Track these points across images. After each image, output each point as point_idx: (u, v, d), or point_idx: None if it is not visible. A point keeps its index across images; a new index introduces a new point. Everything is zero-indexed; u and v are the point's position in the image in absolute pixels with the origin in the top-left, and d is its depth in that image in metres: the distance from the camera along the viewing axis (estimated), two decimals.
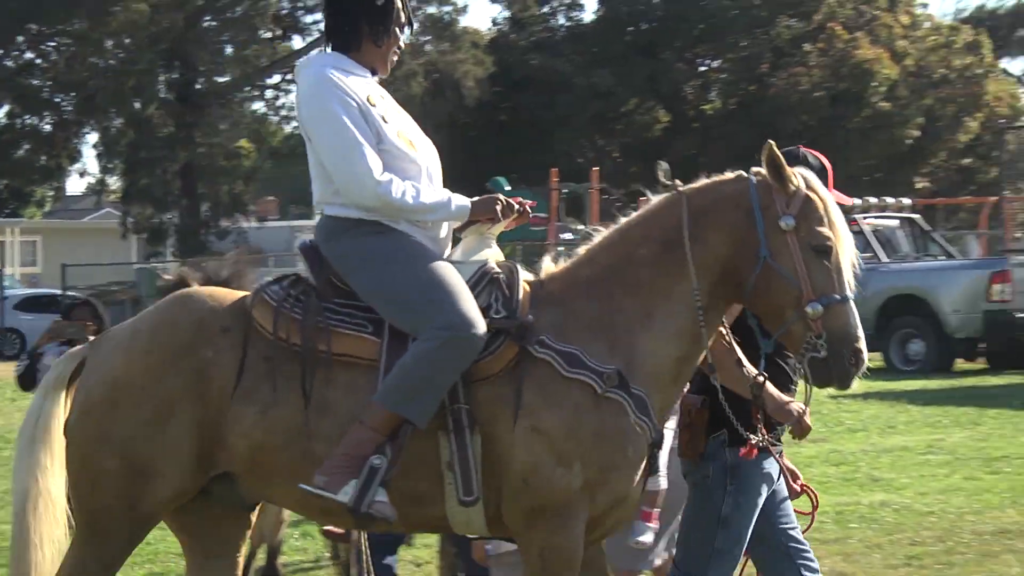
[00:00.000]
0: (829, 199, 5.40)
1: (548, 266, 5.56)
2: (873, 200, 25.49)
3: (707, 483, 5.84)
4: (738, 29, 42.26)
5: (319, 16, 42.74)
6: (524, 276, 5.43)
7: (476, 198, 5.50)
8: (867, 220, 24.65)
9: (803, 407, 5.71)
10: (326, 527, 7.93)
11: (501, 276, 5.38)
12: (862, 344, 5.25)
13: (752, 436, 5.61)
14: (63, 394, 5.46)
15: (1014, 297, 22.81)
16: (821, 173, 5.71)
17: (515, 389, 5.19)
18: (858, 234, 24.48)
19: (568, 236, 31.17)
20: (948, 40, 42.14)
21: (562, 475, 5.17)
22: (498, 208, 5.44)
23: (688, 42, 45.85)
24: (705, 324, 5.32)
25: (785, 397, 5.73)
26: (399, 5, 5.51)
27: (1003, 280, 22.89)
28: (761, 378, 5.50)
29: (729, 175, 5.49)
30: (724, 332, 5.56)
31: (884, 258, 24.30)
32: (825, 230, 5.29)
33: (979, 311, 22.91)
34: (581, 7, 49.71)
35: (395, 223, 5.39)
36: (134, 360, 5.33)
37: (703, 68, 48.35)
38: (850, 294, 5.27)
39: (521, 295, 5.31)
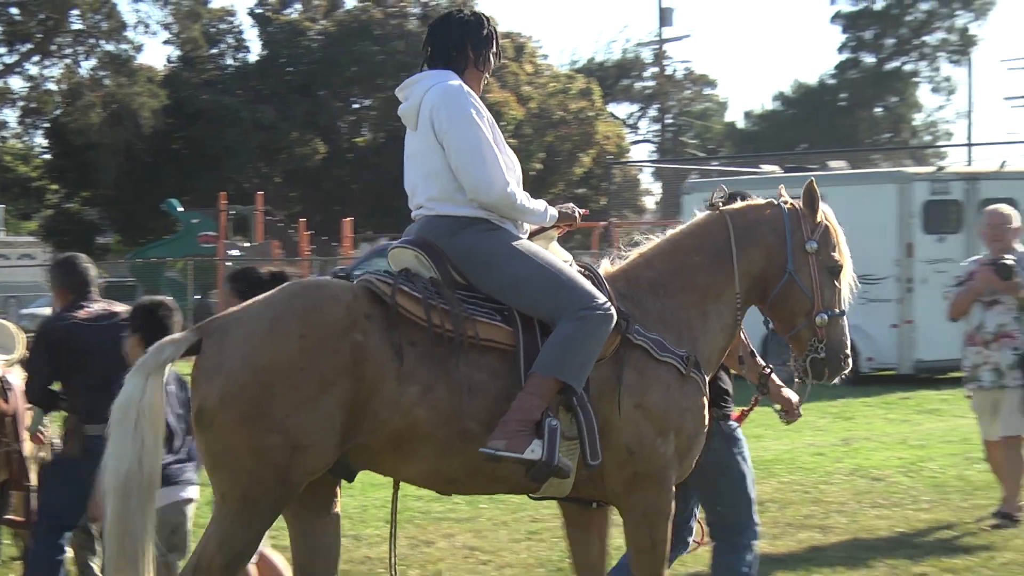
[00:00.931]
0: (840, 230, 6.03)
1: (606, 266, 5.86)
2: None
3: (718, 454, 6.38)
4: (386, 72, 42.62)
5: None
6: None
7: (559, 207, 5.80)
8: None
9: (798, 396, 6.43)
10: (7, 517, 7.77)
11: (590, 273, 5.63)
12: (849, 350, 5.94)
13: (736, 408, 6.67)
14: (163, 377, 5.26)
15: None
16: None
17: (617, 371, 5.43)
18: None
19: (235, 253, 30.94)
20: (565, 87, 43.44)
21: (660, 444, 5.47)
22: (577, 216, 5.83)
23: (342, 82, 46.21)
24: (739, 322, 5.88)
25: (783, 385, 6.48)
26: (496, 36, 5.76)
27: None
28: (768, 369, 6.19)
29: (762, 201, 5.98)
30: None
31: None
32: (837, 255, 5.95)
33: None
34: (247, 49, 49.55)
35: (502, 222, 5.54)
36: (287, 344, 5.15)
37: (356, 106, 48.73)
38: (846, 309, 5.96)
39: (608, 290, 5.56)
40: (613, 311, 5.40)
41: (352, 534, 9.08)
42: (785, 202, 5.94)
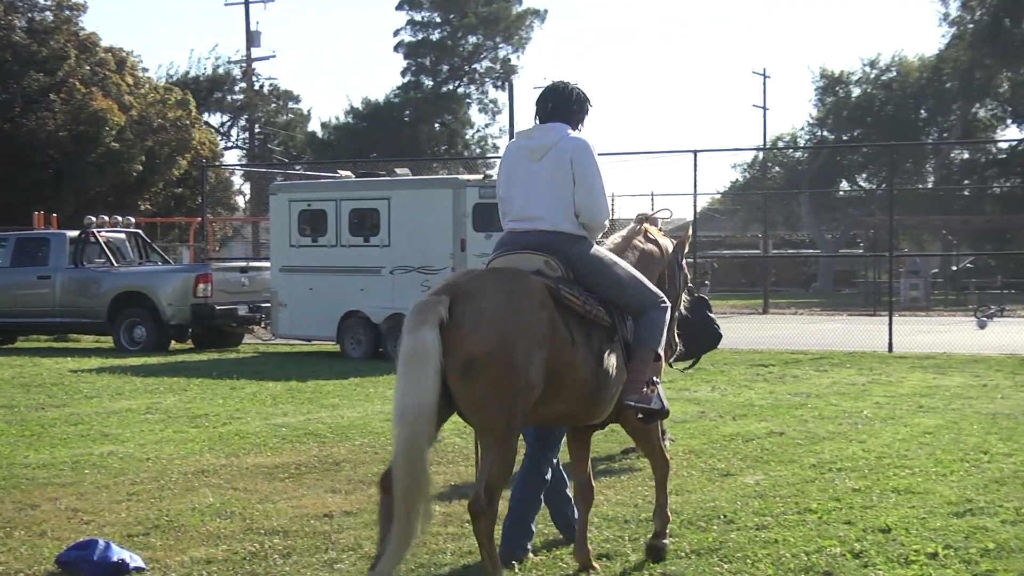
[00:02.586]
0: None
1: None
2: (106, 219, 25.04)
3: None
4: None
5: None
6: None
7: None
8: (102, 234, 24.26)
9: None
10: None
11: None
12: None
13: None
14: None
15: (214, 294, 23.24)
16: None
17: None
18: (94, 244, 24.08)
19: None
20: (164, 97, 42.12)
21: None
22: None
23: None
24: None
25: None
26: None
27: (206, 281, 23.24)
28: None
29: (663, 237, 7.64)
30: None
31: (115, 263, 24.06)
32: (685, 269, 7.77)
33: (188, 304, 23.12)
34: None
35: (591, 237, 6.68)
36: (523, 314, 5.98)
37: None
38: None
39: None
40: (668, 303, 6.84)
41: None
42: (676, 239, 7.77)
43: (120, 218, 25.66)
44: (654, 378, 6.58)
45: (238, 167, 56.86)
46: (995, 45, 50.99)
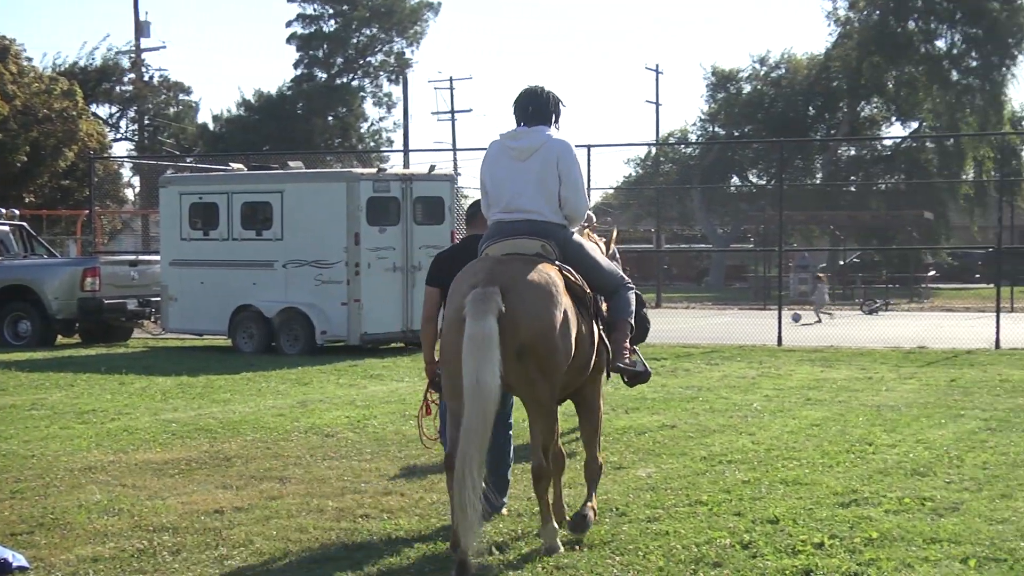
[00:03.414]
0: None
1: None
2: None
3: None
4: None
5: None
6: None
7: None
8: None
9: None
10: None
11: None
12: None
13: None
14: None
15: (102, 288, 22.84)
16: None
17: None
18: None
19: None
20: (49, 87, 41.14)
21: None
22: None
23: None
24: None
25: None
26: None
27: (94, 275, 22.83)
28: None
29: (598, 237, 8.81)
30: None
31: None
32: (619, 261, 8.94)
33: (75, 298, 22.70)
34: None
35: (572, 229, 7.48)
36: (558, 302, 6.85)
37: None
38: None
39: None
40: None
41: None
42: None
43: (4, 210, 25.07)
44: (635, 347, 7.75)
45: (127, 159, 55.87)
46: (881, 44, 52.09)
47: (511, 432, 8.54)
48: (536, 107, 7.42)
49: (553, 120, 7.46)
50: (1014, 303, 32.21)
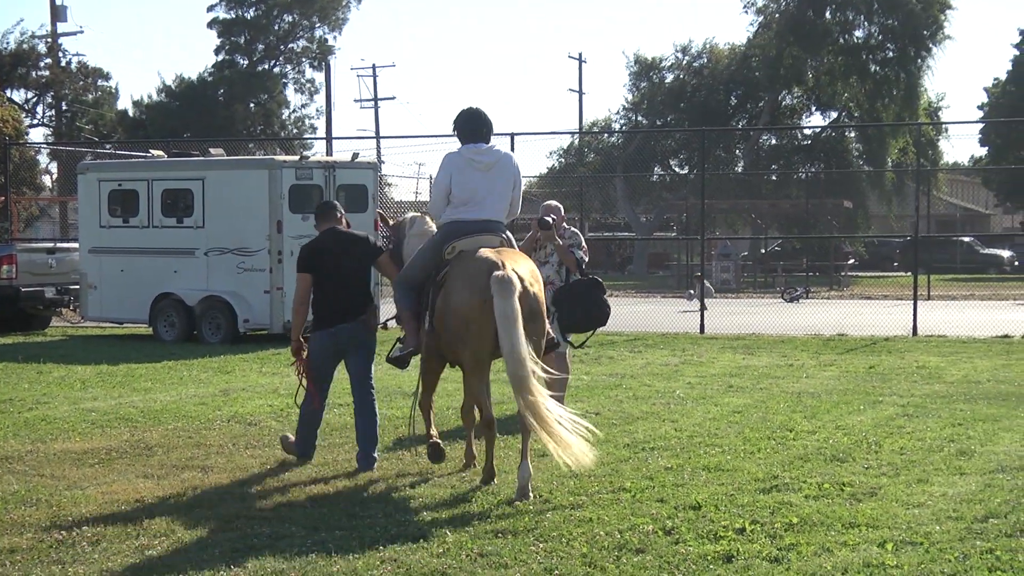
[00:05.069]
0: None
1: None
2: None
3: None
4: None
5: None
6: None
7: None
8: None
9: None
10: None
11: None
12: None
13: None
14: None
15: (19, 276, 22.46)
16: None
17: None
18: None
19: None
20: None
21: None
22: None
23: None
24: None
25: None
26: None
27: (10, 262, 22.43)
28: None
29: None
30: None
31: None
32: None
33: None
34: None
35: None
36: (540, 277, 8.96)
37: None
38: None
39: None
40: None
41: None
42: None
43: None
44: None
45: (44, 145, 54.97)
46: (799, 35, 52.62)
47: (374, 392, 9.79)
48: (486, 128, 9.12)
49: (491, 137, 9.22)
50: (931, 291, 32.79)
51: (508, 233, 9.13)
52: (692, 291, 31.20)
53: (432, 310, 8.76)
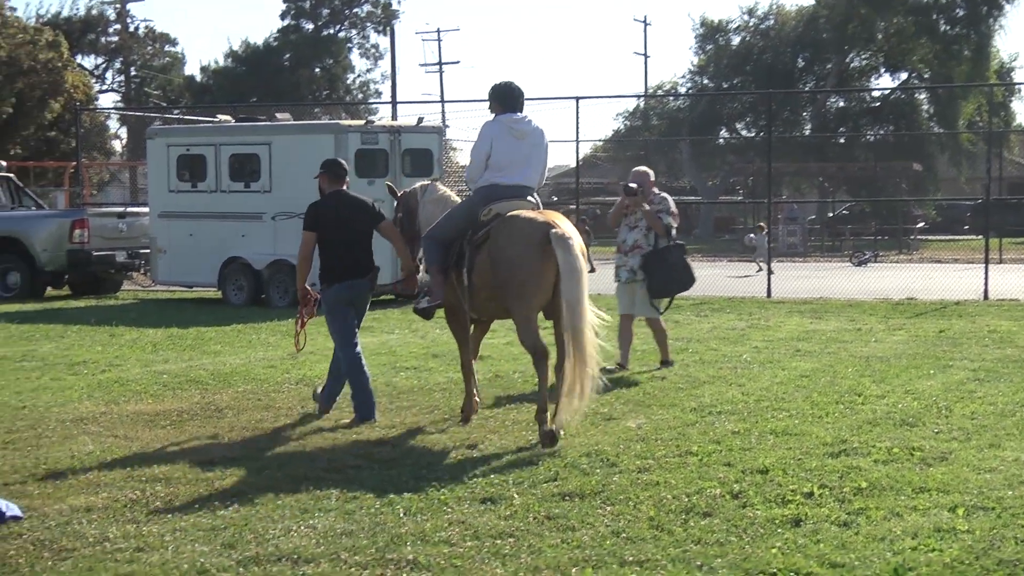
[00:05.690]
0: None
1: None
2: None
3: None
4: None
5: None
6: None
7: None
8: None
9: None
10: None
11: None
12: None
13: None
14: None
15: (91, 240, 22.77)
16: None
17: None
18: None
19: None
20: (34, 38, 40.78)
21: None
22: None
23: None
24: None
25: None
26: None
27: (82, 227, 22.75)
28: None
29: None
30: None
31: None
32: None
33: (64, 250, 22.64)
34: None
35: None
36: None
37: None
38: None
39: None
40: None
41: None
42: None
43: None
44: None
45: (114, 110, 55.54)
46: None
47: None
48: (521, 100, 9.62)
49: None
50: (1003, 254, 32.29)
51: (538, 197, 9.57)
52: (752, 236, 31.12)
53: (471, 268, 9.13)
